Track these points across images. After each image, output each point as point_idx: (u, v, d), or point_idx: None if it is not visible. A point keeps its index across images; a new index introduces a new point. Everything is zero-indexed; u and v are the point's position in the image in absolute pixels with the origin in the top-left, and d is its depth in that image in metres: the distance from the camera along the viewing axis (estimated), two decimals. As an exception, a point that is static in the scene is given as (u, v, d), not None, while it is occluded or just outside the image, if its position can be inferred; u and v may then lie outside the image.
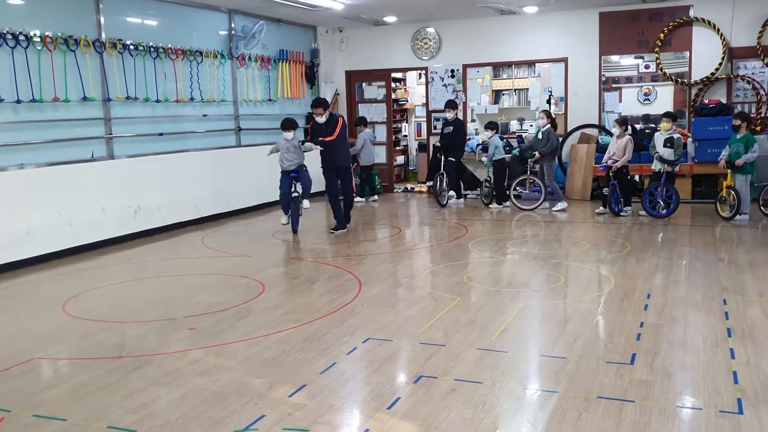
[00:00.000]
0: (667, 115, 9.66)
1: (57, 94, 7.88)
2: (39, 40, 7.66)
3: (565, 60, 12.00)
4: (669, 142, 9.42)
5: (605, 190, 10.04)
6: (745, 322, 5.02)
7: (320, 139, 9.03)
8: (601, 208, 10.13)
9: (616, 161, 9.73)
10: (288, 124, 9.04)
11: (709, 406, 3.61)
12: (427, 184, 12.38)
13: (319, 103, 9.12)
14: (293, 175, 9.02)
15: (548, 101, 12.02)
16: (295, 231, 9.13)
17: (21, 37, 7.45)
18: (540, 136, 10.65)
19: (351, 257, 7.81)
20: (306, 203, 9.19)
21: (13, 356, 4.66)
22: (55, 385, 4.23)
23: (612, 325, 5.15)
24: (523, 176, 10.68)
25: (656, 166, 9.59)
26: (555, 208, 10.42)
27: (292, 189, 9.01)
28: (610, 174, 9.81)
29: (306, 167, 9.10)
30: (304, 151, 8.99)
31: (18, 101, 7.46)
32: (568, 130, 11.81)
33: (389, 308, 5.69)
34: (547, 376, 4.15)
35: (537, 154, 10.46)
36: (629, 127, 10.13)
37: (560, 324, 5.18)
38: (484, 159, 11.36)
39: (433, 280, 6.67)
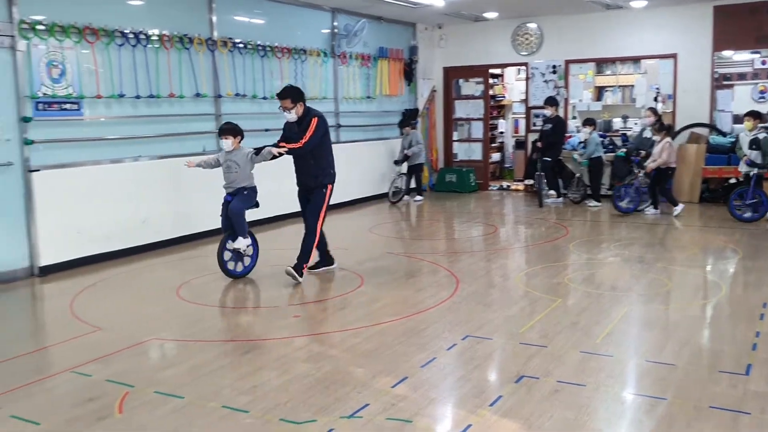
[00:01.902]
0: (749, 113, 9.10)
1: (172, 90, 8.31)
2: (157, 38, 8.09)
3: (674, 56, 11.52)
4: (755, 144, 8.89)
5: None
6: None
7: (281, 144, 6.49)
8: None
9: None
10: (226, 130, 6.51)
11: (833, 424, 3.42)
12: (527, 182, 12.16)
13: (285, 92, 6.41)
14: (229, 199, 6.55)
15: (655, 99, 11.59)
16: (229, 274, 6.58)
17: (141, 36, 7.90)
18: (648, 134, 10.27)
19: (447, 254, 7.83)
20: (242, 242, 6.51)
21: (134, 336, 4.96)
22: (173, 364, 4.50)
23: (723, 333, 4.94)
24: (632, 176, 10.27)
25: (742, 168, 9.10)
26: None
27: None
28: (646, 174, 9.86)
29: (247, 192, 6.55)
30: (260, 161, 6.50)
31: (137, 97, 7.92)
32: (677, 129, 11.33)
33: (487, 306, 5.68)
34: (653, 382, 4.04)
35: (643, 152, 10.10)
36: (668, 129, 9.93)
37: (667, 329, 5.02)
38: (576, 156, 11.10)
39: (532, 280, 6.59)
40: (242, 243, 6.51)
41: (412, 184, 12.06)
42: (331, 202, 10.72)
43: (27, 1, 6.78)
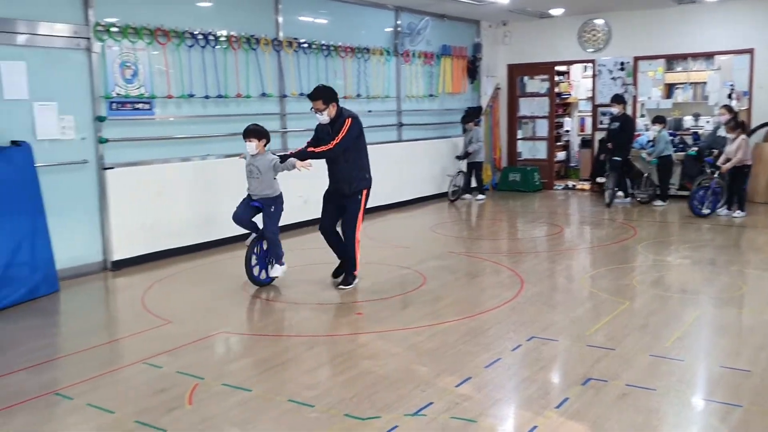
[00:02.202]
0: None
1: (239, 90, 8.48)
2: (225, 39, 8.27)
3: (750, 51, 11.06)
4: None
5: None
6: None
7: (309, 149, 6.20)
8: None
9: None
10: (250, 131, 6.18)
11: None
12: (598, 180, 11.85)
13: (316, 93, 6.14)
14: (254, 204, 6.25)
15: (729, 96, 11.16)
16: (255, 282, 6.27)
17: (210, 37, 8.09)
18: (722, 132, 9.90)
19: (510, 254, 7.74)
20: (278, 270, 6.28)
21: (203, 329, 5.10)
22: (239, 358, 4.61)
23: (804, 339, 4.71)
24: (704, 176, 9.89)
25: None
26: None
27: (252, 219, 6.33)
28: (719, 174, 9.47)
29: (274, 207, 6.25)
30: (282, 170, 6.12)
31: (206, 97, 8.11)
32: (752, 127, 10.88)
33: (552, 308, 5.58)
34: (727, 388, 3.89)
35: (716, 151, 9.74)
36: (743, 126, 9.50)
37: (742, 334, 4.83)
38: (645, 155, 10.79)
39: (599, 281, 6.44)
40: (279, 271, 6.30)
41: (473, 183, 11.97)
42: (391, 201, 10.84)
43: (102, 4, 7.03)
